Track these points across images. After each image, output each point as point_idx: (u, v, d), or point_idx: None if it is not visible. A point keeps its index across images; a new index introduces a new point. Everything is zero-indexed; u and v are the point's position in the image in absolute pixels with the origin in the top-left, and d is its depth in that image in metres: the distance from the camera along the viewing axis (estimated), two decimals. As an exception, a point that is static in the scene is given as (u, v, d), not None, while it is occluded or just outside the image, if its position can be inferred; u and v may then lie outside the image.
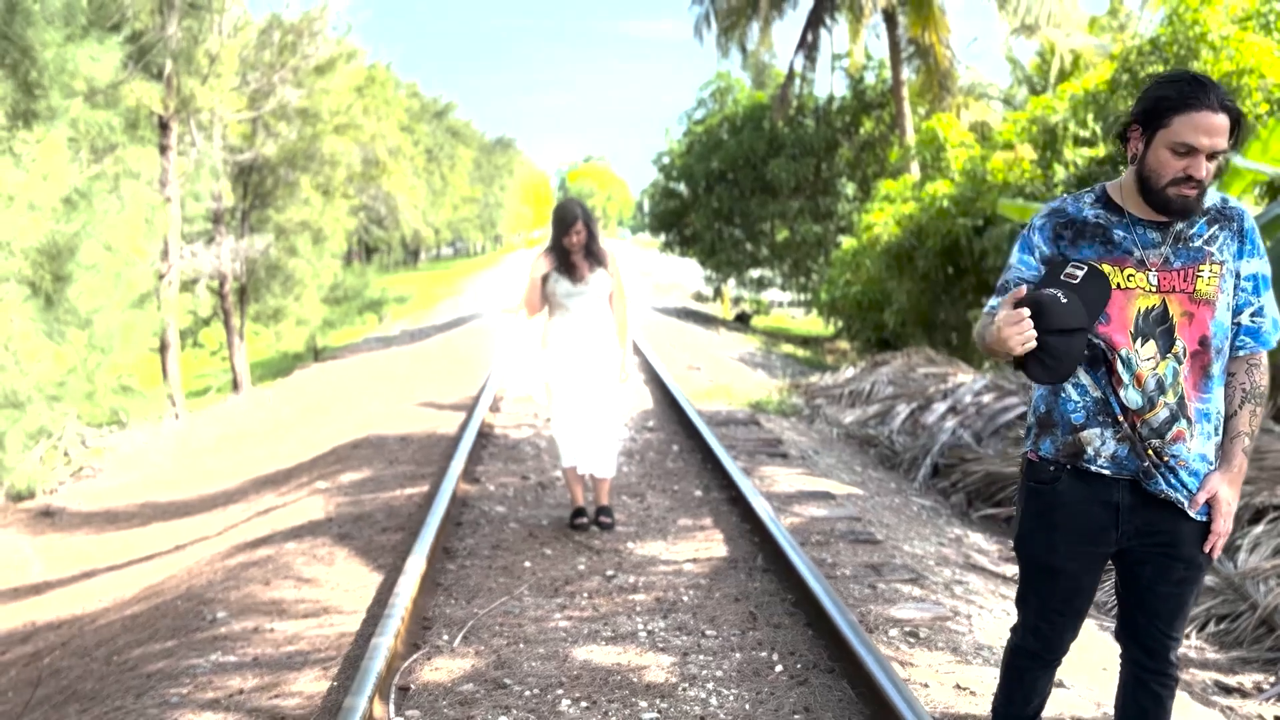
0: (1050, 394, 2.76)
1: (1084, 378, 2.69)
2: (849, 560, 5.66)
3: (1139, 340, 2.62)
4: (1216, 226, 2.66)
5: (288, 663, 4.52)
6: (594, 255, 6.07)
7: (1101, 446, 2.68)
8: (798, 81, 25.84)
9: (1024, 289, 2.57)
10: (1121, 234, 2.65)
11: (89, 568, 7.70)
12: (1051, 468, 2.75)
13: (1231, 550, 6.00)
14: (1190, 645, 5.41)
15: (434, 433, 9.74)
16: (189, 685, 4.33)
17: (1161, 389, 2.62)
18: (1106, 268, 2.63)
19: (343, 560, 5.96)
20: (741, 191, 29.45)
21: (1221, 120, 2.51)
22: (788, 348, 23.92)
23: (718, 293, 34.70)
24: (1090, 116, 14.19)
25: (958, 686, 4.08)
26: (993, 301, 2.75)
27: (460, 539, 6.19)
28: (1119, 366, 2.64)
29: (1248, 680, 5.07)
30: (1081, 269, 2.63)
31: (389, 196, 37.18)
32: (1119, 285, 2.63)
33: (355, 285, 24.79)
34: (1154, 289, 2.62)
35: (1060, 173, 14.04)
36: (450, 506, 6.45)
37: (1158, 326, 2.62)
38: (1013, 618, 5.14)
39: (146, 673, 4.65)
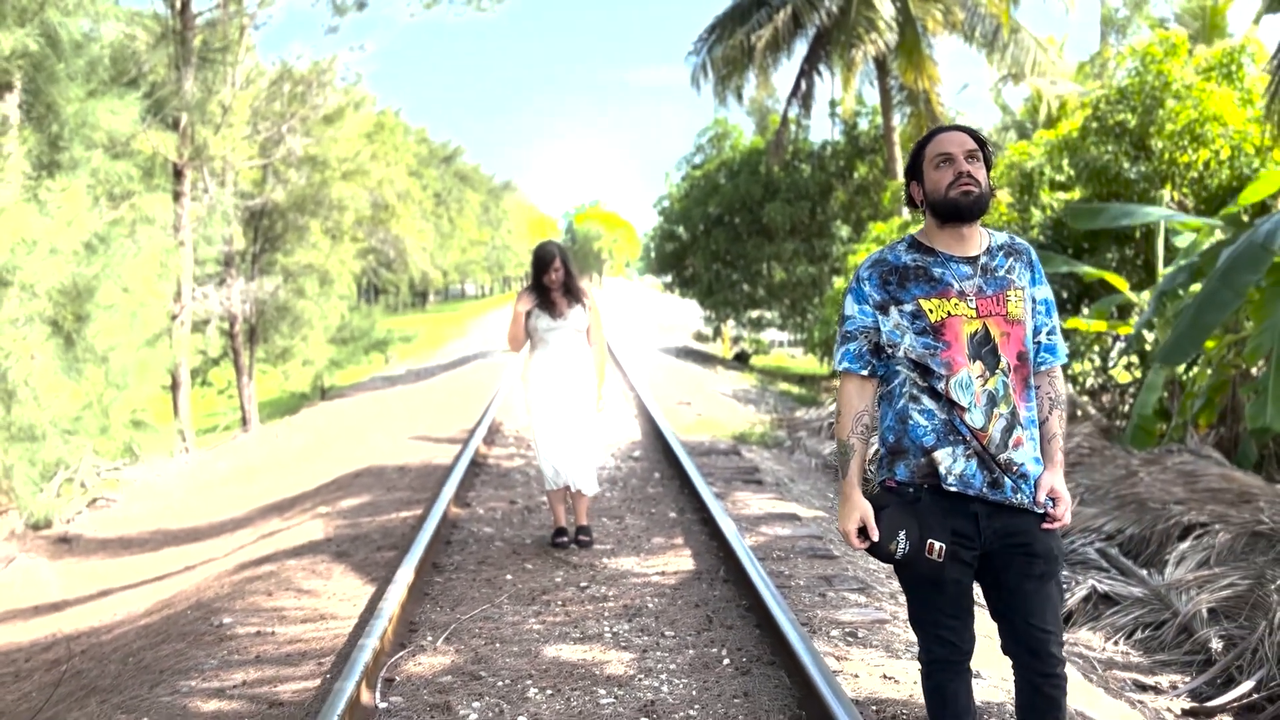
0: (898, 423, 3.04)
1: (928, 402, 2.98)
2: (804, 573, 6.14)
3: (973, 361, 2.94)
4: (1012, 259, 3.05)
5: (287, 660, 5.02)
6: (572, 293, 6.62)
7: (953, 465, 2.95)
8: (793, 128, 26.56)
9: (874, 528, 2.96)
10: (939, 270, 2.99)
11: (105, 587, 8.21)
12: (910, 489, 2.99)
13: (1160, 564, 6.48)
14: (1116, 650, 5.87)
15: (430, 463, 10.26)
16: (197, 678, 4.83)
17: (994, 402, 2.94)
18: (935, 301, 2.97)
19: (340, 575, 6.46)
20: (739, 234, 30.13)
21: (960, 135, 3.00)
22: (784, 385, 24.42)
23: (717, 332, 35.27)
24: (1065, 161, 14.78)
25: (884, 676, 4.54)
26: (838, 353, 3.11)
27: (449, 555, 6.69)
28: (957, 391, 2.93)
29: (1165, 680, 5.52)
30: (937, 550, 2.94)
31: (397, 239, 37.89)
32: (949, 314, 2.95)
33: (361, 326, 25.43)
34: (975, 314, 2.96)
35: (1036, 215, 14.60)
36: (440, 527, 6.95)
37: (983, 347, 2.95)
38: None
39: (159, 669, 5.15)
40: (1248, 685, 5.13)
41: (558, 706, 4.30)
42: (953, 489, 2.95)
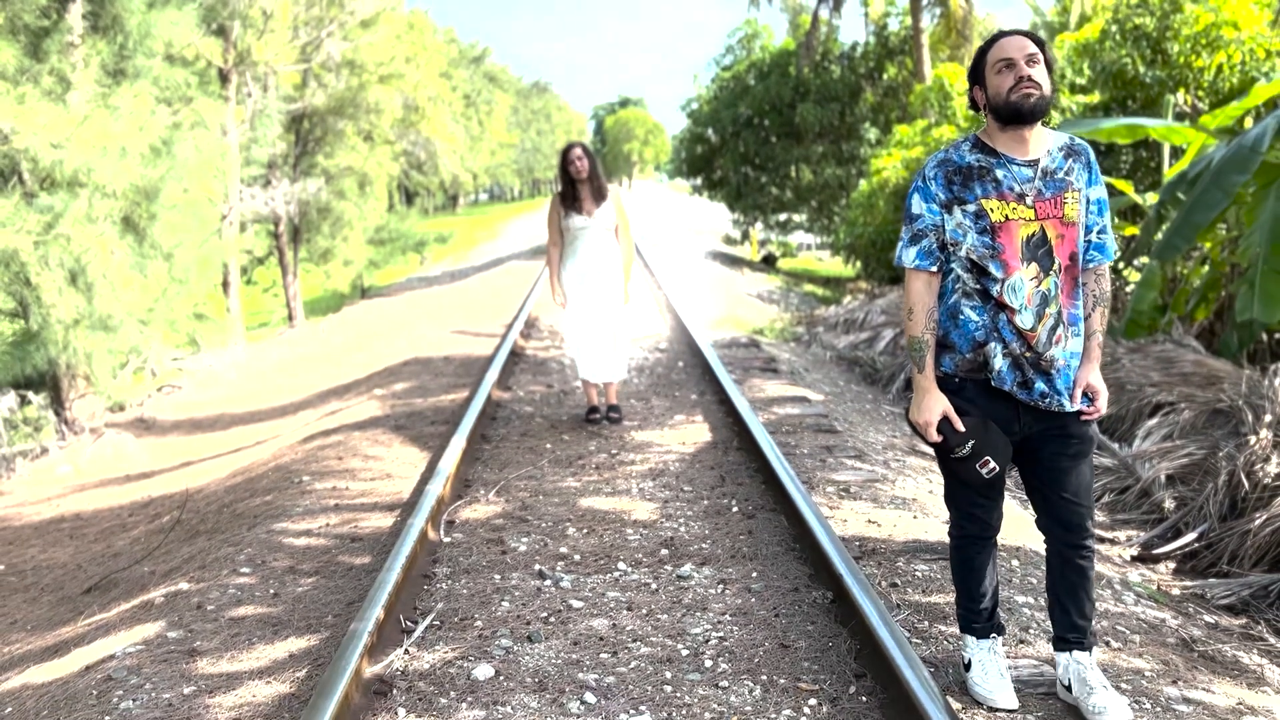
0: (948, 319, 3.16)
1: (980, 301, 3.11)
2: (809, 444, 6.94)
3: (1026, 264, 3.04)
4: (1071, 160, 3.12)
5: (361, 508, 5.90)
6: (599, 193, 7.31)
7: (994, 360, 3.11)
8: (823, 28, 26.66)
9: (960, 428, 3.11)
10: (1002, 173, 3.08)
11: (185, 459, 9.17)
12: (956, 379, 3.16)
13: (1130, 439, 7.21)
14: (1083, 511, 6.66)
15: (472, 354, 11.10)
16: (286, 521, 5.72)
17: (1045, 302, 3.06)
18: (996, 202, 3.06)
19: (399, 444, 7.33)
20: (767, 136, 30.40)
21: (1020, 39, 3.06)
22: (809, 287, 25.02)
23: (745, 235, 35.73)
24: (1085, 65, 15.11)
25: (869, 521, 5.35)
26: (908, 252, 3.18)
27: (494, 429, 7.54)
28: (1009, 294, 3.05)
29: (1122, 535, 6.31)
30: (989, 468, 3.13)
31: (428, 142, 38.28)
32: (1007, 217, 3.05)
33: (399, 228, 26.22)
34: (1034, 217, 3.05)
35: (1056, 118, 14.98)
36: (486, 405, 7.79)
37: (1039, 249, 3.04)
38: (933, 482, 6.42)
39: (252, 515, 6.05)
40: (1190, 536, 5.91)
41: (593, 541, 5.14)
42: (993, 383, 3.15)
